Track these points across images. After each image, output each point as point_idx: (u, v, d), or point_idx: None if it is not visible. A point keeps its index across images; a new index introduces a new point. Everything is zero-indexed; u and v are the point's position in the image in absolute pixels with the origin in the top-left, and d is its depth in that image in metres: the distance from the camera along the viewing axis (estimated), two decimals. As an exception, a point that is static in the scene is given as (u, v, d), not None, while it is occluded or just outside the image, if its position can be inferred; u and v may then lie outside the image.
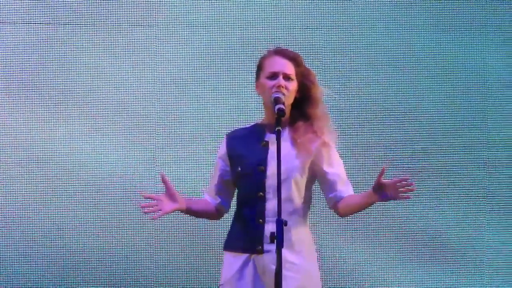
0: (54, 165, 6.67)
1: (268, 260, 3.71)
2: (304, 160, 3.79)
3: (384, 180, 3.61)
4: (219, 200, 3.97)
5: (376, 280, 6.77)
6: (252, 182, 3.79)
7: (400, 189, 3.59)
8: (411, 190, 3.63)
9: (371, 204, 3.73)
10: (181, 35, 6.91)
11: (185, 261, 6.46)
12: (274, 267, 3.52)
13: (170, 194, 3.78)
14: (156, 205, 3.76)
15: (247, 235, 3.81)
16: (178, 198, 3.80)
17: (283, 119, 3.63)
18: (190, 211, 3.89)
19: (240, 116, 5.71)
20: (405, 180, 3.62)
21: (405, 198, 3.66)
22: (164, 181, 3.80)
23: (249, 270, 3.85)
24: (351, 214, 3.90)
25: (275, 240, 3.46)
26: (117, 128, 6.75)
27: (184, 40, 6.83)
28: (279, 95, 3.71)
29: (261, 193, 3.75)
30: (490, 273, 6.83)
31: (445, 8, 7.06)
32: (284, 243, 3.50)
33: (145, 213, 3.80)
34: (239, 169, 3.81)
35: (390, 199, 3.70)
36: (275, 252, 3.49)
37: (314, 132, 3.83)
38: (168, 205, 3.79)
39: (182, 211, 3.89)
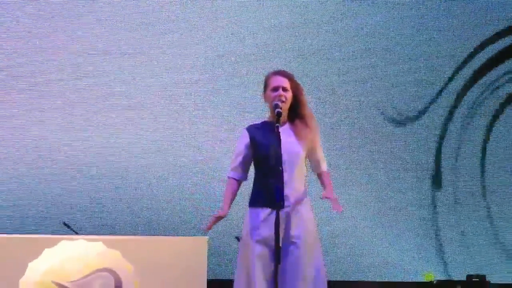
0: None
1: (286, 212, 5.21)
2: (302, 144, 5.37)
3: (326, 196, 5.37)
4: (243, 174, 5.45)
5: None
6: (272, 159, 5.23)
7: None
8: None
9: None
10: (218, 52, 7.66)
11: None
12: (292, 218, 5.15)
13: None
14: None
15: (271, 196, 5.21)
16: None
17: (281, 118, 5.25)
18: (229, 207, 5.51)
19: (249, 117, 6.36)
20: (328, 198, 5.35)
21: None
22: (214, 223, 5.36)
23: (271, 219, 5.21)
24: None
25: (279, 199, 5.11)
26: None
27: (221, 54, 7.59)
28: (278, 103, 5.29)
29: (279, 167, 5.21)
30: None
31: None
32: (296, 200, 5.25)
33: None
34: (261, 151, 5.31)
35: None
36: (297, 205, 5.17)
37: (307, 126, 5.41)
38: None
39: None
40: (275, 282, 5.15)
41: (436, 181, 8.13)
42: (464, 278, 7.57)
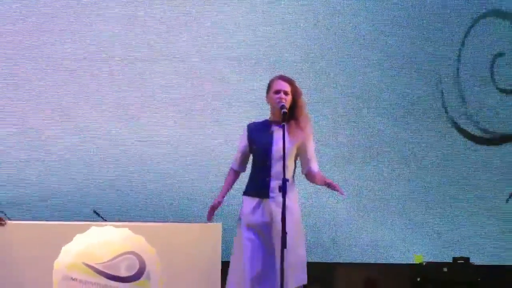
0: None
1: (271, 202, 5.70)
2: (294, 143, 5.75)
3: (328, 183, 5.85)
4: (241, 166, 5.96)
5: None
6: (263, 154, 5.75)
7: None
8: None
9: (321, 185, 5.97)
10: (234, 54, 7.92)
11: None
12: (275, 207, 5.61)
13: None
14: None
15: (260, 187, 5.75)
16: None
17: (286, 117, 5.64)
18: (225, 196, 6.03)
19: (255, 115, 6.47)
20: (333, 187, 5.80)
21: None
22: (212, 213, 5.95)
23: (260, 208, 5.77)
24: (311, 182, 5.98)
25: (281, 190, 5.43)
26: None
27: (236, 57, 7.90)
28: (284, 103, 5.73)
29: (268, 162, 5.70)
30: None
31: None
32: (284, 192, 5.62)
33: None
34: (255, 146, 5.79)
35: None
36: (280, 196, 5.46)
37: (301, 128, 5.81)
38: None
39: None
40: (282, 266, 5.48)
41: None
42: (450, 260, 7.79)
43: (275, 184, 5.65)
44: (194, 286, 6.81)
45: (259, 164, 5.81)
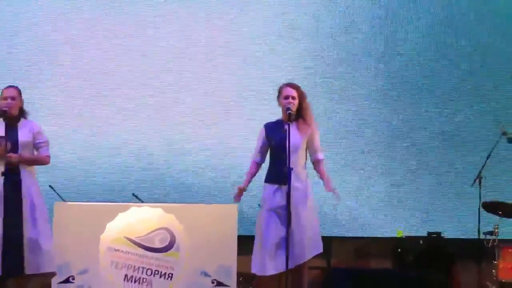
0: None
1: (289, 186, 6.04)
2: (303, 138, 6.28)
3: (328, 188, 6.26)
4: (261, 158, 6.42)
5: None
6: (279, 148, 6.19)
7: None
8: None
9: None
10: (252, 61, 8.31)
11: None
12: (291, 191, 6.02)
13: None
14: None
15: (278, 175, 6.19)
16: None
17: (291, 117, 6.18)
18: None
19: (269, 116, 6.81)
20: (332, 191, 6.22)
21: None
22: (240, 195, 6.35)
23: (278, 192, 6.21)
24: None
25: (287, 176, 5.99)
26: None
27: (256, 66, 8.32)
28: (290, 106, 6.22)
29: (283, 155, 6.13)
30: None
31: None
32: (298, 179, 6.13)
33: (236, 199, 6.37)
34: (273, 142, 6.28)
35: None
36: (296, 182, 6.07)
37: (307, 124, 6.31)
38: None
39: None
40: (287, 239, 6.03)
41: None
42: (425, 234, 8.27)
43: (291, 172, 6.07)
44: (214, 255, 7.12)
45: (276, 156, 6.27)
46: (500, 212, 7.50)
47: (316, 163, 6.35)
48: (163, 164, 8.37)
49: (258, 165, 6.41)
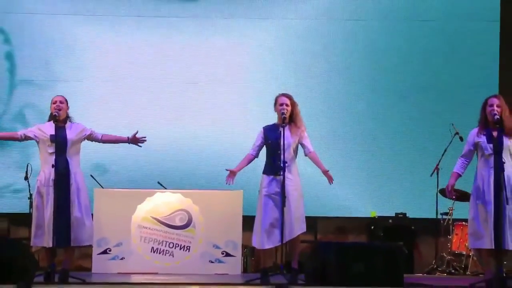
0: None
1: (282, 178, 6.61)
2: (295, 138, 6.86)
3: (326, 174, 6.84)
4: (256, 153, 6.97)
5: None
6: (275, 147, 6.79)
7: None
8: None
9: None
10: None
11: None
12: (283, 180, 6.54)
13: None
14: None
15: (273, 168, 6.78)
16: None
17: (285, 121, 6.78)
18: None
19: (268, 119, 7.25)
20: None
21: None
22: (232, 177, 6.84)
23: (274, 181, 6.78)
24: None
25: (283, 169, 6.56)
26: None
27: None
28: (284, 111, 6.83)
29: (279, 151, 6.73)
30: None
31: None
32: (289, 171, 6.65)
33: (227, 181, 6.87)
34: (269, 141, 6.87)
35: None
36: (287, 173, 6.61)
37: (297, 127, 6.88)
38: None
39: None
40: (282, 218, 6.65)
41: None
42: (393, 214, 8.93)
43: (284, 165, 6.66)
44: (223, 232, 7.80)
45: (272, 153, 6.90)
46: (454, 197, 7.68)
47: (310, 155, 6.94)
48: (184, 157, 9.02)
49: (252, 157, 7.04)
